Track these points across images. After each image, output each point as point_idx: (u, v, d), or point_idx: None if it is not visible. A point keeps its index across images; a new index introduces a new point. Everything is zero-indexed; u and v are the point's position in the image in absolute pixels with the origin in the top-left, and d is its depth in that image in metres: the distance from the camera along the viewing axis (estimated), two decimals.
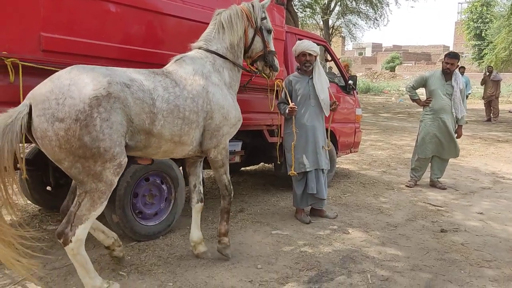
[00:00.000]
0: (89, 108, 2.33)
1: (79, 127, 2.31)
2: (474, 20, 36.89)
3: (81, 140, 2.33)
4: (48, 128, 2.31)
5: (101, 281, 2.63)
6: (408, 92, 6.13)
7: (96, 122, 2.35)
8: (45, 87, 2.38)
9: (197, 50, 3.24)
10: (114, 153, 2.45)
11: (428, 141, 5.74)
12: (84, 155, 2.37)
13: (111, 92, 2.43)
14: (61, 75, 2.43)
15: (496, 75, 14.81)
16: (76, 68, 2.49)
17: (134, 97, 2.56)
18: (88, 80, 2.40)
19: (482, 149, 9.29)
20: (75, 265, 2.58)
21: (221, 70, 3.24)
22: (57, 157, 2.41)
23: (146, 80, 2.71)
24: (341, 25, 25.71)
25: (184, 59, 3.13)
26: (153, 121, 2.67)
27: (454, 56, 5.69)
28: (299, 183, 4.36)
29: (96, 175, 2.44)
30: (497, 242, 3.89)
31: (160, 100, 2.71)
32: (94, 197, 2.47)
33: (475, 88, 24.83)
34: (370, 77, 36.45)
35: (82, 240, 2.49)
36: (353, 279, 3.07)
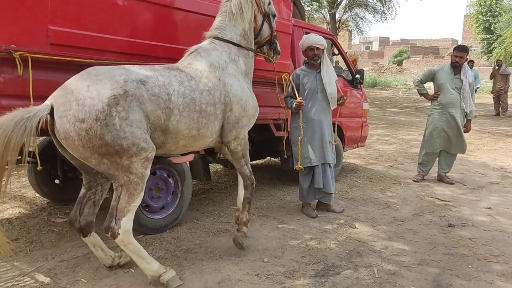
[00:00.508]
0: (108, 108, 2.39)
1: (99, 126, 2.36)
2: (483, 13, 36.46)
3: (103, 139, 2.38)
4: (70, 129, 2.38)
5: (159, 265, 2.73)
6: (416, 86, 6.07)
7: (116, 121, 2.41)
8: (65, 89, 2.46)
9: (212, 40, 3.23)
10: (139, 148, 2.50)
11: (436, 136, 5.70)
12: (108, 152, 2.43)
13: (127, 90, 2.48)
14: (80, 77, 2.50)
15: (505, 69, 14.65)
16: (94, 69, 2.56)
17: (150, 94, 2.59)
18: (106, 80, 2.46)
19: (490, 144, 9.22)
20: (129, 254, 2.68)
21: (237, 59, 3.25)
22: (83, 155, 2.48)
23: (161, 75, 2.74)
24: (348, 19, 25.49)
25: (199, 51, 3.13)
26: (169, 116, 2.70)
27: (463, 49, 5.63)
28: (305, 177, 4.35)
29: (125, 168, 2.50)
30: (505, 237, 3.86)
31: (175, 95, 2.73)
32: (130, 188, 2.55)
33: (484, 82, 24.58)
34: (377, 71, 36.21)
35: (129, 231, 2.60)
36: (359, 273, 3.07)
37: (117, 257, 2.96)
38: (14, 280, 2.80)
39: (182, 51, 3.43)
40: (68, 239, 3.53)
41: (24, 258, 3.15)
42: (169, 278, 2.73)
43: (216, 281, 2.87)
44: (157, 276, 2.71)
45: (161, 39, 3.47)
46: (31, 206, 4.37)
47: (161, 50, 3.46)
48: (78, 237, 3.53)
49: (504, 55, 21.20)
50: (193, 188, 4.53)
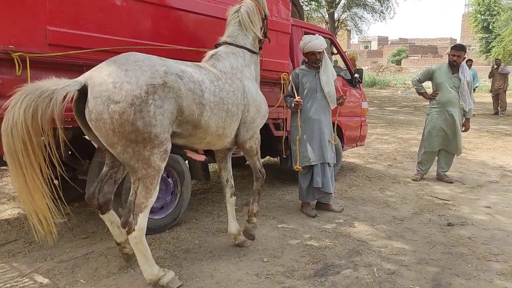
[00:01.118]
0: (145, 95, 2.42)
1: (133, 111, 2.38)
2: (481, 12, 36.51)
3: (134, 125, 2.40)
4: (103, 111, 2.37)
5: (158, 269, 2.73)
6: (414, 86, 6.09)
7: (150, 108, 2.43)
8: (102, 70, 2.45)
9: (227, 45, 3.34)
10: (163, 139, 2.54)
11: (434, 135, 5.70)
12: (136, 139, 2.44)
13: (167, 81, 2.53)
14: (117, 60, 2.51)
15: (503, 68, 14.67)
16: (133, 55, 2.58)
17: (186, 88, 2.66)
18: (146, 68, 2.49)
19: (489, 143, 9.23)
20: (136, 252, 2.68)
21: (250, 64, 3.40)
22: (110, 140, 2.46)
23: (194, 72, 2.82)
24: (347, 18, 25.54)
25: (220, 53, 3.25)
26: (202, 112, 2.78)
27: (460, 48, 5.65)
28: (304, 177, 4.35)
29: (145, 160, 2.52)
30: (504, 236, 3.87)
31: (208, 92, 2.82)
32: (147, 183, 2.57)
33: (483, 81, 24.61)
34: (376, 70, 36.25)
35: (144, 229, 2.61)
36: (359, 272, 3.07)
37: None
38: (13, 281, 2.80)
39: (181, 52, 3.43)
40: (67, 239, 3.53)
41: (23, 259, 3.14)
42: (168, 280, 2.73)
43: (216, 281, 2.87)
44: (156, 279, 2.71)
45: (161, 40, 3.47)
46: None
47: (160, 50, 3.45)
48: (77, 238, 3.55)
49: (503, 54, 21.24)
50: (193, 188, 4.53)
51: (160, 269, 2.74)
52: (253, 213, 3.50)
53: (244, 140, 3.28)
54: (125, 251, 3.02)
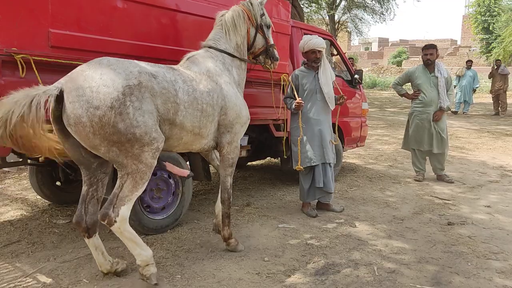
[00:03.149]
0: (122, 96, 2.44)
1: (113, 114, 2.41)
2: (481, 13, 36.50)
3: (115, 127, 2.43)
4: (82, 115, 2.39)
5: (152, 255, 2.76)
6: (395, 89, 6.23)
7: (129, 110, 2.46)
8: (76, 75, 2.47)
9: (207, 49, 3.34)
10: (151, 138, 2.57)
11: (420, 134, 5.77)
12: (119, 140, 2.47)
13: (141, 81, 2.55)
14: (91, 65, 2.53)
15: (504, 68, 14.67)
16: (105, 59, 2.60)
17: (160, 87, 2.68)
18: (120, 70, 2.52)
19: (490, 143, 9.24)
20: (124, 241, 2.69)
21: (230, 69, 3.37)
22: (91, 143, 2.48)
23: (167, 72, 2.83)
24: (347, 20, 25.58)
25: (197, 57, 3.25)
26: (176, 111, 2.79)
27: (430, 46, 5.78)
28: (306, 177, 4.38)
29: (135, 157, 2.54)
30: (504, 235, 3.88)
31: (181, 92, 2.83)
32: (136, 178, 2.59)
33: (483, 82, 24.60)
34: (376, 72, 36.24)
35: (126, 219, 2.61)
36: (359, 271, 3.09)
37: (115, 263, 2.92)
38: (17, 281, 2.82)
39: (183, 53, 3.46)
40: (70, 240, 3.55)
41: (26, 259, 3.17)
42: (152, 272, 2.75)
43: (217, 280, 2.89)
44: (146, 264, 2.72)
45: (162, 41, 3.50)
46: (33, 208, 4.39)
47: (162, 52, 3.48)
48: (79, 239, 3.57)
49: (503, 55, 21.24)
50: (194, 188, 4.55)
51: (152, 257, 2.76)
52: (226, 238, 3.37)
53: (222, 144, 3.24)
54: (119, 270, 2.91)
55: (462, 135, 10.26)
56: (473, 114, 15.02)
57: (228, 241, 3.38)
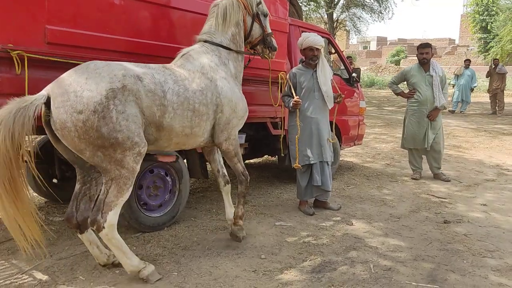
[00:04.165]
0: (106, 100, 2.44)
1: (97, 118, 2.42)
2: (480, 12, 36.49)
3: (99, 131, 2.43)
4: (67, 120, 2.41)
5: (138, 261, 2.76)
6: (390, 88, 6.25)
7: (113, 114, 2.46)
8: (63, 81, 2.49)
9: (202, 43, 3.29)
10: (133, 142, 2.57)
11: (416, 133, 5.78)
12: (103, 144, 2.48)
13: (125, 84, 2.54)
14: (78, 70, 2.55)
15: (501, 68, 14.69)
16: (92, 63, 2.61)
17: (146, 90, 2.66)
18: (105, 74, 2.52)
19: (486, 142, 9.26)
20: (111, 248, 2.70)
21: (227, 62, 3.32)
22: (77, 147, 2.51)
23: (156, 73, 2.80)
24: (346, 19, 25.54)
25: (191, 53, 3.20)
26: (164, 113, 2.76)
27: (426, 45, 5.81)
28: (303, 175, 4.38)
29: (117, 162, 2.55)
30: (500, 233, 3.90)
31: (170, 93, 2.80)
32: (120, 183, 2.59)
33: (481, 82, 24.63)
34: (374, 71, 36.24)
35: (114, 225, 2.62)
36: (356, 269, 3.10)
37: (112, 255, 2.94)
38: (13, 278, 2.82)
39: (179, 50, 3.45)
40: (66, 237, 3.55)
41: (22, 256, 3.15)
42: (148, 273, 2.76)
43: (214, 277, 2.90)
44: (137, 271, 2.74)
45: (159, 38, 3.50)
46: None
47: (158, 49, 3.48)
48: (76, 236, 3.55)
49: (501, 54, 21.23)
50: (191, 186, 4.55)
51: (140, 261, 2.78)
52: (238, 216, 3.45)
53: (219, 142, 3.24)
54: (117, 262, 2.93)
55: (459, 134, 10.28)
56: (470, 113, 15.05)
57: (237, 221, 3.45)
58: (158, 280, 2.80)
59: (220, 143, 3.26)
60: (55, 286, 2.73)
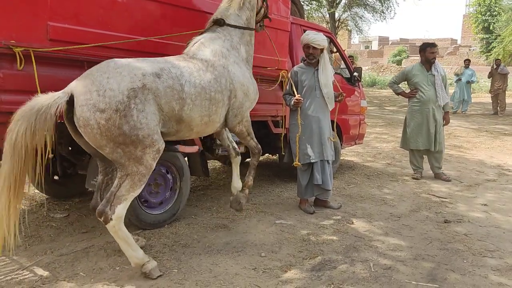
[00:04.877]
0: (127, 99, 2.52)
1: (118, 117, 2.49)
2: (482, 13, 36.44)
3: (121, 129, 2.50)
4: (90, 117, 2.48)
5: (143, 254, 2.81)
6: (391, 88, 6.24)
7: (134, 113, 2.54)
8: (86, 79, 2.56)
9: (214, 29, 3.36)
10: (153, 140, 2.64)
11: (418, 133, 5.78)
12: (124, 142, 2.55)
13: (145, 83, 2.62)
14: (99, 68, 2.61)
15: (503, 68, 14.67)
16: (113, 62, 2.67)
17: (164, 86, 2.73)
18: (125, 73, 2.59)
19: (488, 142, 9.25)
20: (117, 240, 2.73)
21: (238, 47, 3.42)
22: (98, 143, 2.57)
23: (172, 67, 2.87)
24: (348, 18, 25.52)
25: (203, 41, 3.28)
26: (182, 106, 2.85)
27: (435, 45, 5.87)
28: (304, 173, 4.38)
29: (137, 159, 2.61)
30: (500, 233, 3.90)
31: (188, 85, 2.88)
32: (135, 179, 2.65)
33: (482, 82, 24.61)
34: (376, 70, 36.20)
35: (121, 218, 2.67)
36: (355, 267, 3.10)
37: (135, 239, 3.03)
38: (14, 274, 2.83)
39: (181, 47, 3.46)
40: (67, 234, 3.56)
41: (23, 252, 3.17)
42: (151, 267, 2.79)
43: (214, 275, 2.90)
44: (141, 264, 2.77)
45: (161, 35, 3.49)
46: (30, 202, 4.39)
47: (161, 46, 3.48)
48: (76, 232, 3.58)
49: (503, 55, 21.21)
50: (192, 184, 4.56)
51: (145, 255, 2.81)
52: (247, 185, 3.70)
53: (233, 125, 3.39)
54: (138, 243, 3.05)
55: (460, 134, 10.28)
56: (471, 114, 15.04)
57: (245, 189, 3.73)
58: (159, 276, 2.81)
59: (234, 126, 3.41)
60: (56, 282, 2.74)
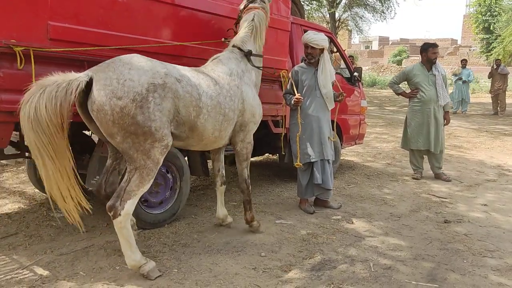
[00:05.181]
0: (146, 92, 2.58)
1: (134, 106, 2.53)
2: (482, 13, 36.43)
3: (134, 118, 2.55)
4: (106, 103, 2.52)
5: (141, 256, 2.80)
6: (391, 88, 6.24)
7: (150, 105, 2.59)
8: (107, 66, 2.61)
9: (233, 49, 3.51)
10: (163, 134, 2.68)
11: (419, 133, 5.78)
12: (136, 132, 2.58)
13: (166, 82, 2.69)
14: (122, 59, 2.67)
15: (503, 68, 14.67)
16: (136, 56, 2.74)
17: (184, 91, 2.81)
18: (148, 68, 2.66)
19: (488, 142, 9.25)
20: (120, 238, 2.73)
21: (250, 70, 3.56)
22: (109, 131, 2.61)
23: (192, 77, 2.96)
24: (348, 18, 25.50)
25: (221, 58, 3.42)
26: (199, 114, 2.92)
27: (436, 45, 5.87)
28: (304, 173, 4.38)
29: (145, 151, 2.64)
30: (500, 233, 3.90)
31: (205, 96, 2.97)
32: (143, 173, 2.68)
33: (483, 82, 24.60)
34: (376, 70, 36.19)
35: (129, 215, 2.70)
36: (355, 267, 3.10)
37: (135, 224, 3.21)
38: (14, 273, 2.83)
39: (182, 48, 3.46)
40: (67, 233, 3.56)
41: (23, 251, 3.18)
42: (149, 269, 2.79)
43: (214, 274, 2.90)
44: (137, 266, 2.77)
45: (160, 36, 3.49)
46: (30, 202, 4.40)
47: (161, 47, 3.48)
48: (76, 232, 3.58)
49: (503, 55, 21.20)
50: (192, 184, 4.56)
51: (142, 257, 2.81)
52: (249, 221, 3.65)
53: (235, 141, 3.47)
54: None
55: (460, 134, 10.28)
56: (471, 114, 15.03)
57: (251, 223, 3.65)
58: (158, 276, 2.81)
59: (236, 143, 3.47)
60: (56, 282, 2.74)
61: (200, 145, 3.23)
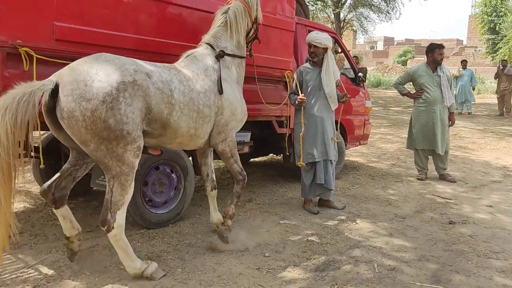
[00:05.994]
0: (116, 92, 2.45)
1: (105, 109, 2.41)
2: (488, 13, 36.21)
3: (106, 122, 2.43)
4: (75, 108, 2.40)
5: (141, 262, 2.78)
6: (396, 88, 6.22)
7: (121, 106, 2.47)
8: (72, 69, 2.49)
9: (207, 46, 3.33)
10: (135, 136, 2.57)
11: (424, 134, 5.77)
12: (108, 137, 2.47)
13: (136, 79, 2.57)
14: (87, 60, 2.55)
15: (509, 69, 14.57)
16: (103, 55, 2.62)
17: (155, 87, 2.69)
18: (116, 66, 2.53)
19: (493, 143, 9.21)
20: (117, 250, 2.70)
21: (230, 66, 3.37)
22: (83, 138, 2.49)
23: (163, 72, 2.83)
24: (353, 19, 25.45)
25: (195, 55, 3.24)
26: (171, 111, 2.79)
27: (443, 46, 5.86)
28: (307, 173, 4.38)
29: (118, 157, 2.54)
30: (505, 235, 3.88)
31: (177, 92, 2.83)
32: (122, 180, 2.60)
33: (488, 83, 24.46)
34: (381, 71, 36.08)
35: (122, 226, 2.64)
36: (359, 268, 3.09)
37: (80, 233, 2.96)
38: (19, 272, 2.85)
39: (186, 47, 3.46)
40: None
41: (28, 251, 3.19)
42: (152, 271, 2.78)
43: (218, 274, 2.91)
44: (140, 273, 2.75)
45: (167, 36, 3.50)
46: (36, 201, 4.42)
47: (166, 46, 3.49)
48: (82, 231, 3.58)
49: (509, 55, 21.08)
50: (196, 183, 4.56)
51: (142, 262, 2.79)
52: (228, 215, 3.47)
53: (216, 143, 3.27)
54: (71, 246, 2.92)
55: (465, 135, 10.23)
56: (477, 114, 14.96)
57: (226, 220, 3.47)
58: (163, 276, 2.82)
59: (217, 144, 3.29)
60: (61, 281, 2.75)
61: (175, 144, 3.05)
